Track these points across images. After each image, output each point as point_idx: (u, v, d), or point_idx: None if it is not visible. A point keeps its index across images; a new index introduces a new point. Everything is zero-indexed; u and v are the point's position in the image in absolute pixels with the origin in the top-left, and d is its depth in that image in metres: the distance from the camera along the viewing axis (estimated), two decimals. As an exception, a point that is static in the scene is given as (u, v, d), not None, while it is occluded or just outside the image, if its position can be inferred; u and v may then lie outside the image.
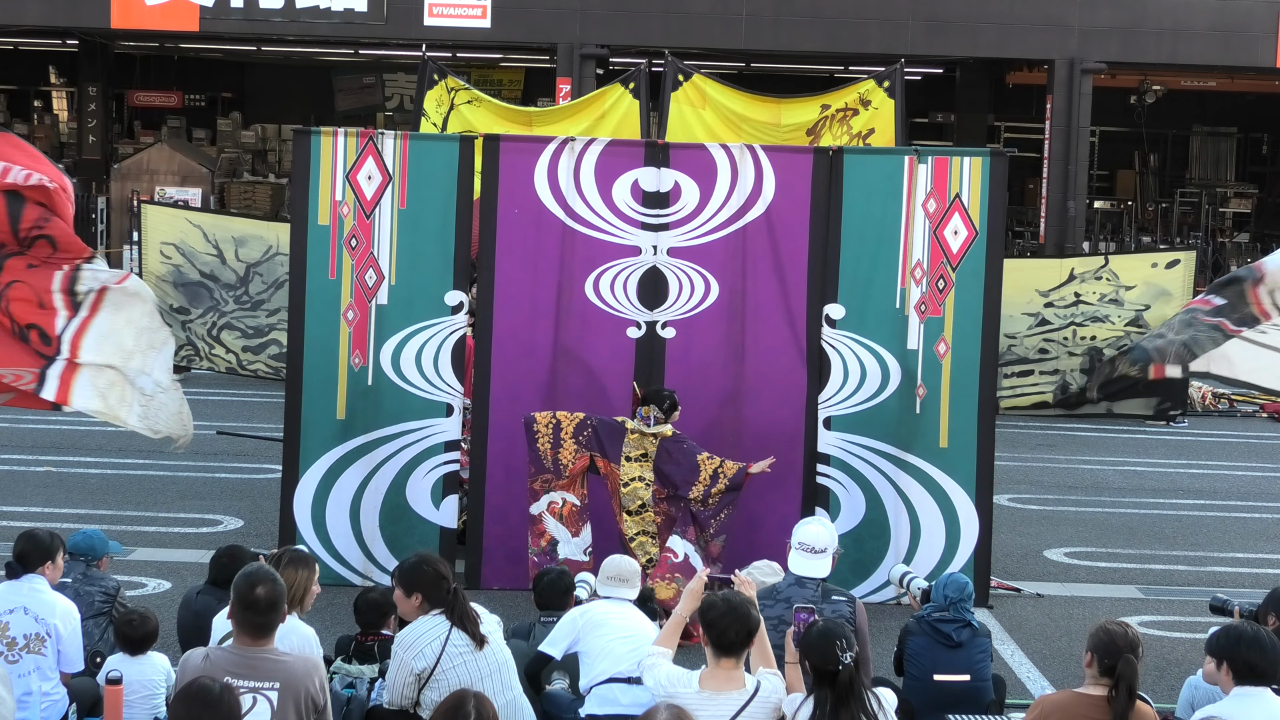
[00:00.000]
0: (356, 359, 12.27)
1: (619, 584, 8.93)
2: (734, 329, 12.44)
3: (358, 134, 12.34)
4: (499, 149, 12.48)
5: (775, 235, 12.40)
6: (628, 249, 12.38)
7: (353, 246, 12.24)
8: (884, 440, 12.40)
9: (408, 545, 12.05)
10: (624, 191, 12.34)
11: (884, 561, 12.43)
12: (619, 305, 12.38)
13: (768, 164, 12.40)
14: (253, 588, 6.69)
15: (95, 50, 37.82)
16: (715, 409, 12.48)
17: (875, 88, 21.61)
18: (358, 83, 41.38)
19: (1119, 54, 30.78)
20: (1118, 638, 6.91)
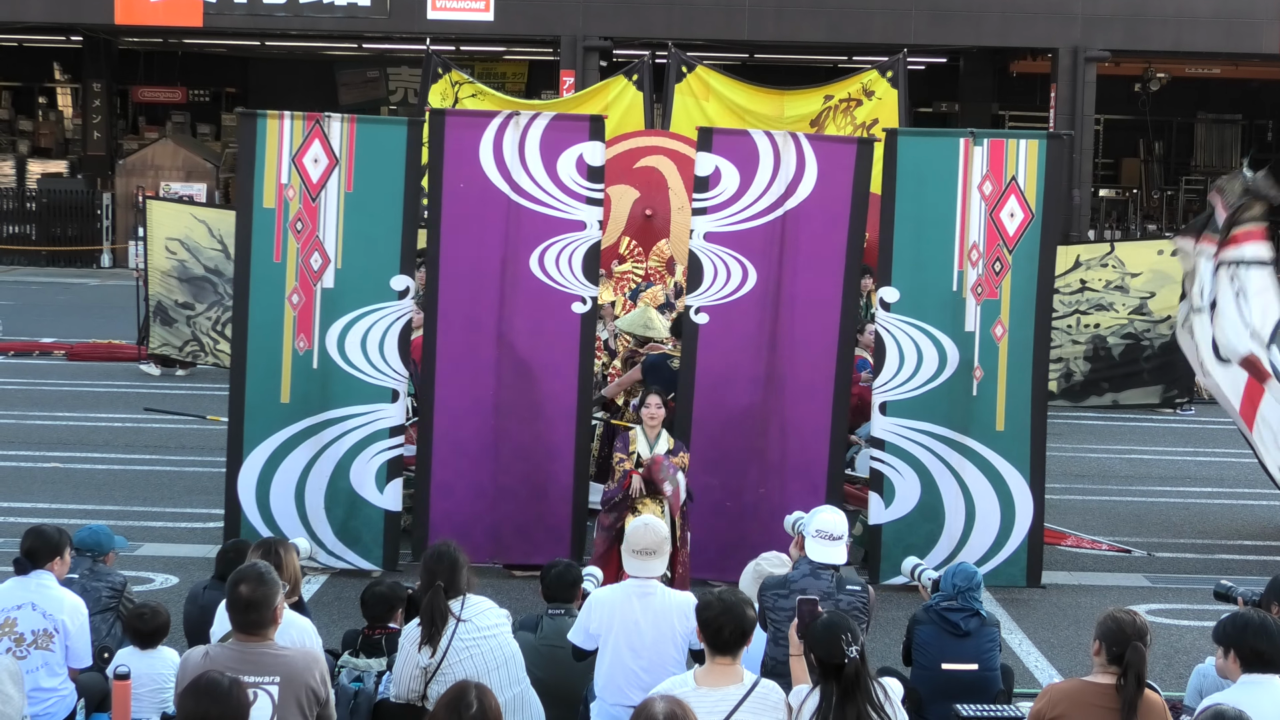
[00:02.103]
0: (301, 343, 12.26)
1: (645, 558, 8.47)
2: (768, 317, 12.37)
3: (304, 117, 12.28)
4: (445, 123, 12.43)
5: (814, 225, 12.34)
6: (573, 223, 12.31)
7: (298, 230, 12.21)
8: (940, 424, 12.39)
9: (352, 529, 12.23)
10: (569, 166, 12.28)
11: (937, 546, 12.45)
12: (564, 280, 12.30)
13: (810, 153, 12.34)
14: (235, 586, 6.69)
15: (99, 46, 37.85)
16: (745, 396, 12.45)
17: (878, 78, 21.62)
18: (361, 77, 41.40)
19: (1123, 42, 30.76)
20: (1126, 626, 6.90)
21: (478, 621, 7.69)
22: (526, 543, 12.41)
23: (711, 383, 12.30)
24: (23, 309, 28.62)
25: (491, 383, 12.32)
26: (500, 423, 12.39)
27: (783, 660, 7.92)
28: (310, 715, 6.66)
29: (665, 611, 8.27)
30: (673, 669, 8.11)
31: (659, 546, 8.53)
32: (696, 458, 12.28)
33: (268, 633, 6.72)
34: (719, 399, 12.34)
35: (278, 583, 6.85)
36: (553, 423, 12.41)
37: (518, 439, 12.40)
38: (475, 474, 12.39)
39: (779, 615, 8.34)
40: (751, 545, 11.89)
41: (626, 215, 19.70)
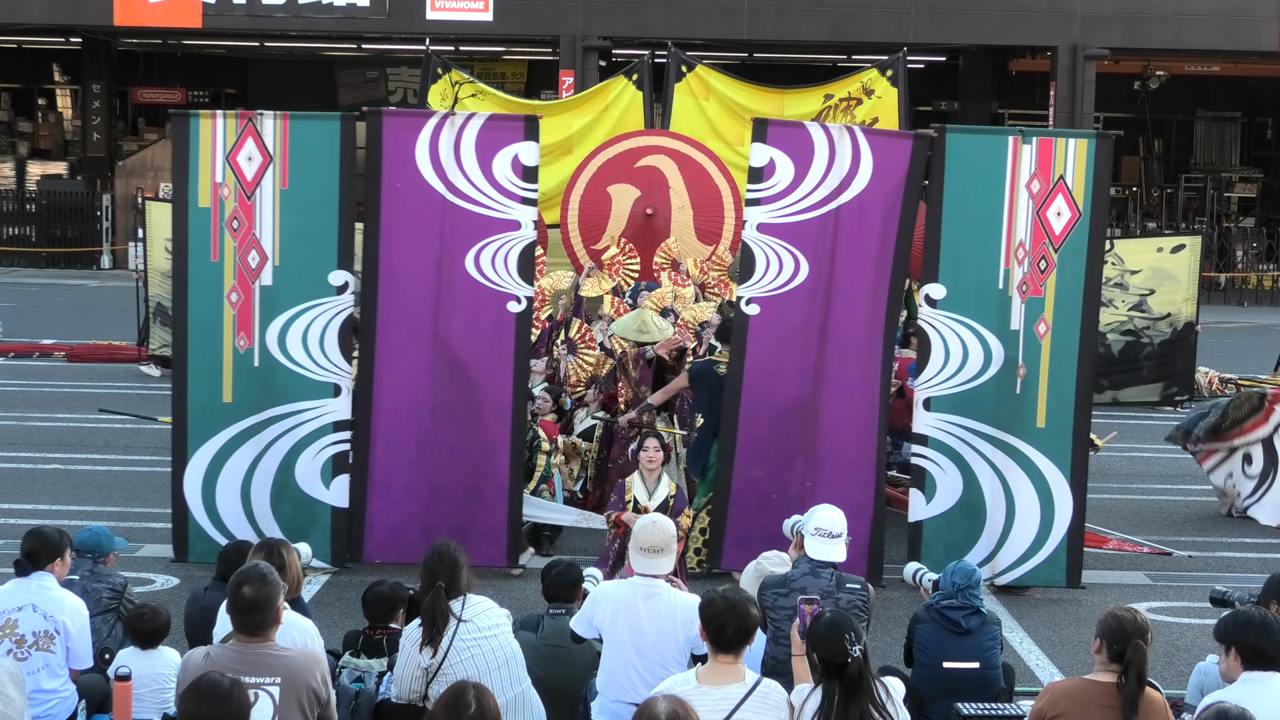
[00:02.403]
0: (241, 341, 12.26)
1: (653, 555, 8.46)
2: (817, 311, 12.35)
3: (236, 115, 12.30)
4: (381, 123, 12.40)
5: (868, 220, 12.32)
6: (508, 223, 12.29)
7: (234, 228, 12.22)
8: (983, 421, 12.38)
9: (299, 525, 12.20)
10: (504, 166, 12.26)
11: (978, 543, 12.45)
12: (500, 280, 12.28)
13: (866, 147, 12.32)
14: (239, 587, 6.70)
15: (99, 48, 37.86)
16: (794, 389, 12.44)
17: (878, 76, 21.63)
18: (360, 77, 41.41)
19: (1122, 40, 30.78)
20: (1127, 624, 6.90)
21: (479, 622, 7.69)
22: (462, 543, 12.31)
23: (760, 374, 12.31)
24: (23, 310, 28.62)
25: (427, 383, 12.35)
26: (436, 423, 12.41)
27: (783, 659, 7.91)
28: (311, 716, 6.67)
29: (670, 612, 8.26)
30: (674, 669, 8.11)
31: (666, 544, 8.51)
32: (743, 449, 12.34)
33: (269, 633, 6.72)
34: (767, 391, 12.35)
35: (280, 583, 6.87)
36: (489, 423, 12.41)
37: (454, 439, 12.43)
38: (411, 474, 12.41)
39: (779, 614, 8.35)
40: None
41: (627, 215, 19.71)
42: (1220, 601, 9.17)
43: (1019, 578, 12.52)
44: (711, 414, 12.85)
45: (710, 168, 20.07)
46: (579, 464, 15.18)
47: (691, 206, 19.78)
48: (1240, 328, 31.09)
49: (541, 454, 14.19)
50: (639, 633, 8.26)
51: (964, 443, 12.39)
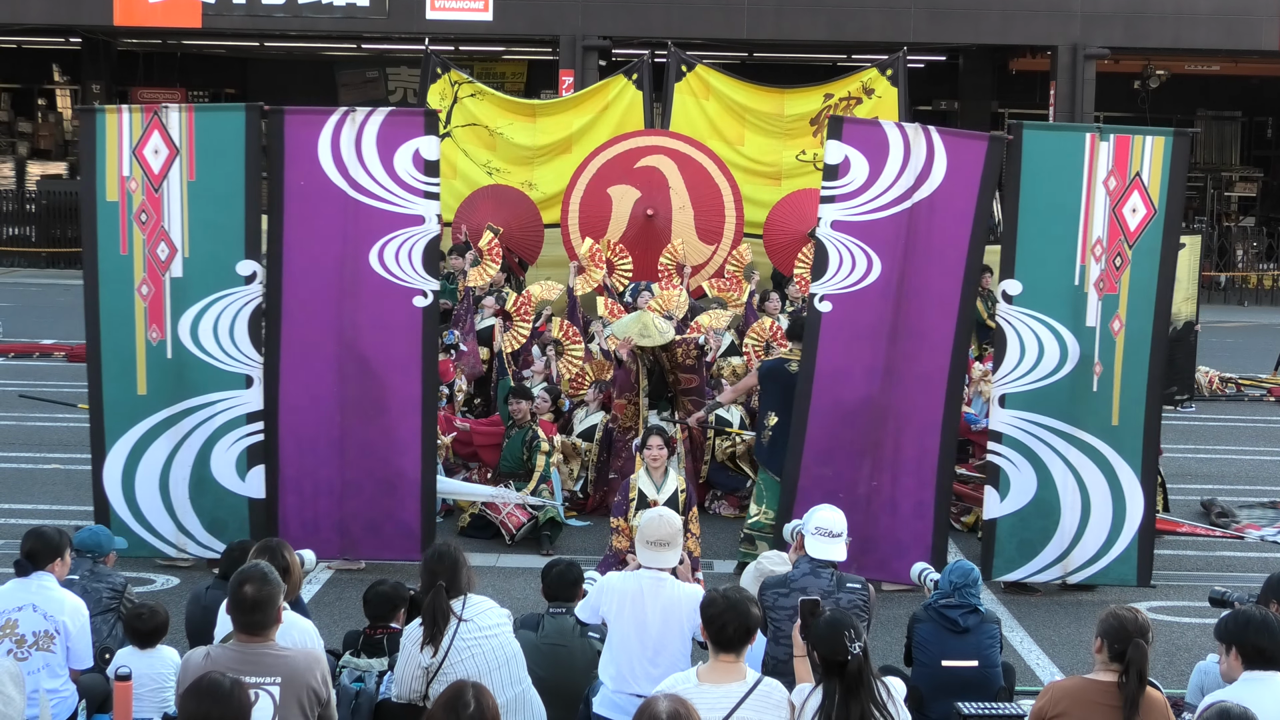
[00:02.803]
0: (154, 333, 12.31)
1: (659, 549, 8.50)
2: (890, 309, 12.34)
3: (142, 109, 12.36)
4: (283, 120, 12.44)
5: (940, 219, 12.32)
6: (411, 218, 12.32)
7: (143, 221, 12.26)
8: (1058, 418, 12.37)
9: (218, 517, 12.29)
10: (405, 161, 12.29)
11: (1051, 541, 12.46)
12: (405, 275, 12.33)
13: (941, 146, 12.32)
14: (240, 586, 6.69)
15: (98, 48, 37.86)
16: (863, 386, 12.42)
17: (878, 76, 21.63)
18: (360, 77, 41.42)
19: (1122, 39, 30.77)
20: (1128, 623, 6.90)
21: (479, 621, 7.68)
22: (376, 538, 12.51)
23: (831, 371, 12.32)
24: (23, 310, 28.61)
25: (335, 379, 12.39)
26: (345, 419, 12.44)
27: (784, 659, 7.92)
28: (311, 715, 6.67)
29: (675, 603, 8.33)
30: (679, 659, 8.17)
31: (672, 538, 8.56)
32: (811, 447, 12.37)
33: (269, 633, 6.72)
34: (837, 388, 12.35)
35: (280, 583, 6.87)
36: (398, 417, 12.46)
37: (363, 434, 12.46)
38: (322, 470, 12.46)
39: (779, 614, 8.35)
40: (861, 538, 12.01)
41: (628, 216, 19.71)
42: (1220, 602, 9.17)
43: (1090, 576, 12.52)
44: (784, 412, 12.87)
45: (710, 167, 20.07)
46: (578, 464, 15.20)
47: (692, 206, 19.77)
48: (1240, 327, 31.09)
49: (540, 454, 14.21)
50: (644, 623, 8.35)
51: (1039, 440, 12.39)
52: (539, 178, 21.31)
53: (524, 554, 13.39)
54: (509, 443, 14.45)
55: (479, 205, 20.02)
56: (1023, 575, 12.51)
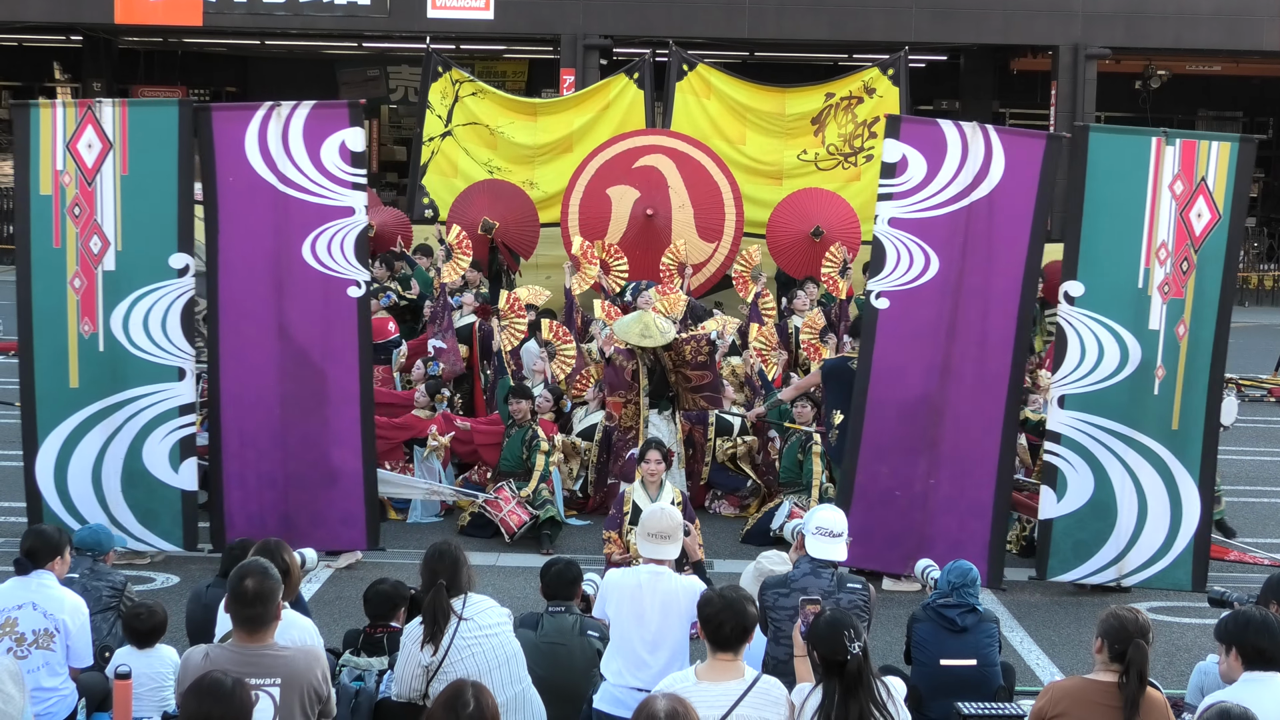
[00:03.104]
0: (86, 326, 12.39)
1: (659, 541, 8.65)
2: (947, 306, 12.37)
3: (76, 104, 12.47)
4: (211, 118, 12.54)
5: (998, 217, 12.35)
6: (341, 210, 12.42)
7: (76, 215, 12.35)
8: (1119, 420, 12.39)
9: (150, 509, 12.41)
10: (332, 153, 12.40)
11: (1107, 543, 12.47)
12: (338, 266, 12.43)
13: (999, 145, 12.36)
14: (241, 580, 6.68)
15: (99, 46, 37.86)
16: (920, 384, 12.44)
17: (880, 75, 21.65)
18: (361, 75, 41.40)
19: (1123, 39, 30.75)
20: (1128, 623, 6.90)
21: (479, 620, 7.68)
22: (321, 530, 12.60)
23: (887, 368, 12.35)
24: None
25: (274, 373, 12.52)
26: (286, 412, 12.57)
27: (784, 660, 7.92)
28: (312, 715, 6.65)
29: (674, 596, 8.40)
30: (678, 652, 8.26)
31: (673, 531, 8.69)
32: (868, 444, 12.39)
33: (269, 630, 6.71)
34: (894, 385, 12.38)
35: (280, 578, 6.87)
36: (337, 408, 12.58)
37: (304, 427, 12.59)
38: (265, 464, 12.59)
39: (780, 614, 8.34)
40: (918, 536, 12.09)
41: (628, 216, 19.71)
42: (1219, 602, 9.17)
43: (1145, 580, 12.51)
44: (850, 410, 12.90)
45: (709, 165, 20.08)
46: (578, 463, 15.19)
47: (692, 205, 19.78)
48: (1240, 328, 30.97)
49: (540, 453, 14.21)
50: (643, 616, 8.43)
51: (1097, 442, 12.41)
52: (540, 177, 21.32)
53: (524, 553, 13.39)
54: (509, 442, 14.45)
55: (475, 200, 20.03)
56: (1077, 576, 12.53)
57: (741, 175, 20.63)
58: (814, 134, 21.65)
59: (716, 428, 15.34)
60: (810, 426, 14.75)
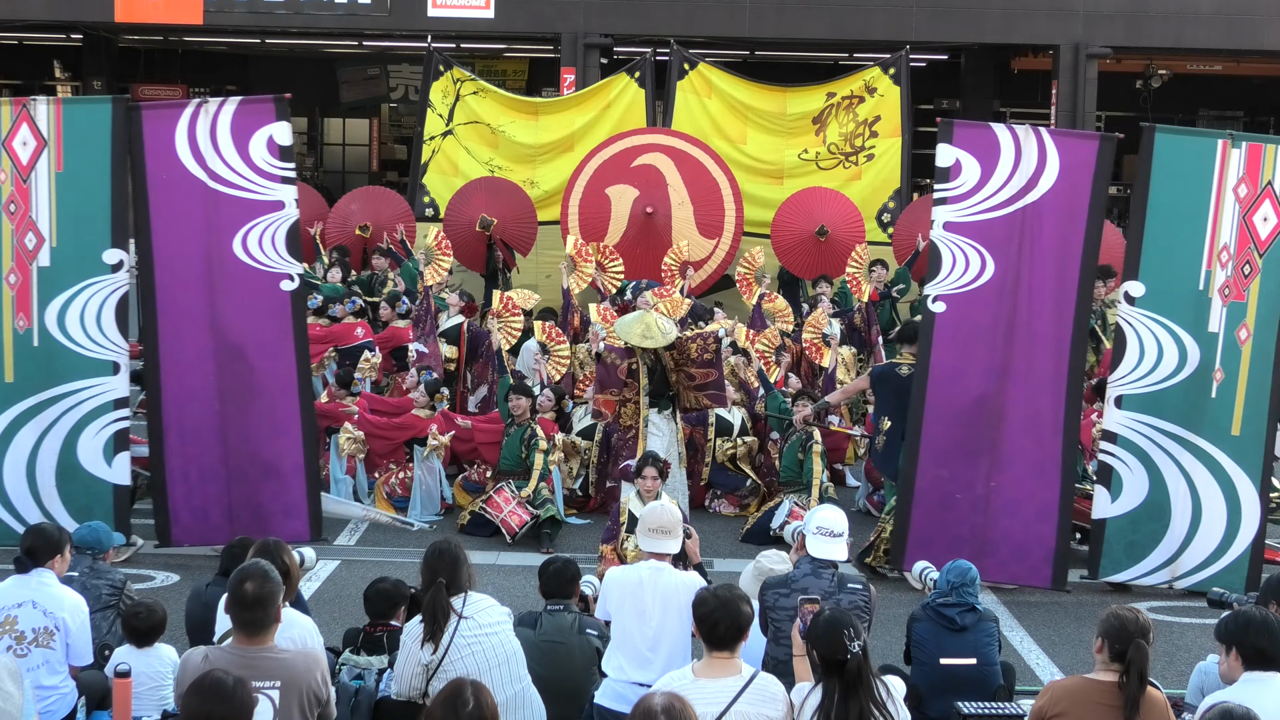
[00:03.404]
0: (21, 321, 12.48)
1: (660, 536, 8.75)
2: (1004, 309, 12.40)
3: (10, 102, 12.56)
4: (141, 116, 12.65)
5: (1053, 219, 12.38)
6: (271, 204, 12.56)
7: (11, 211, 12.45)
8: (1175, 422, 12.42)
9: (83, 505, 12.46)
10: (260, 148, 12.54)
11: (1160, 545, 12.49)
12: (269, 260, 12.57)
13: (1052, 147, 12.39)
14: (241, 584, 6.67)
15: (99, 44, 37.81)
16: (979, 387, 12.47)
17: (881, 74, 21.65)
18: (362, 74, 41.35)
19: (1124, 38, 30.70)
20: (1129, 623, 6.89)
21: (479, 619, 7.68)
22: (264, 522, 12.65)
23: (945, 372, 12.39)
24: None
25: (211, 367, 12.63)
26: (224, 406, 12.69)
27: (784, 660, 7.92)
28: (311, 716, 6.64)
29: (674, 591, 8.43)
30: (679, 648, 8.29)
31: (673, 526, 8.78)
32: (928, 448, 12.41)
33: (269, 632, 6.69)
34: (952, 389, 12.41)
35: (280, 581, 6.85)
36: (276, 401, 12.72)
37: (243, 420, 12.71)
38: (206, 458, 12.70)
39: (780, 614, 8.34)
40: (980, 539, 12.11)
41: (628, 214, 19.72)
42: (1218, 603, 9.18)
43: (1199, 583, 12.47)
44: (898, 416, 12.95)
45: (707, 162, 20.09)
46: (578, 462, 15.19)
47: (691, 202, 19.80)
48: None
49: (539, 452, 14.20)
50: (644, 612, 8.49)
51: (1153, 443, 12.45)
52: (541, 175, 21.32)
53: (523, 552, 13.39)
54: (508, 440, 14.45)
55: (472, 198, 20.03)
56: (1129, 577, 12.56)
57: (742, 174, 20.63)
58: (815, 133, 21.66)
59: (716, 428, 15.35)
60: (857, 431, 14.78)
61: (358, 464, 15.14)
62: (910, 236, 19.89)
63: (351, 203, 21.02)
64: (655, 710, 5.74)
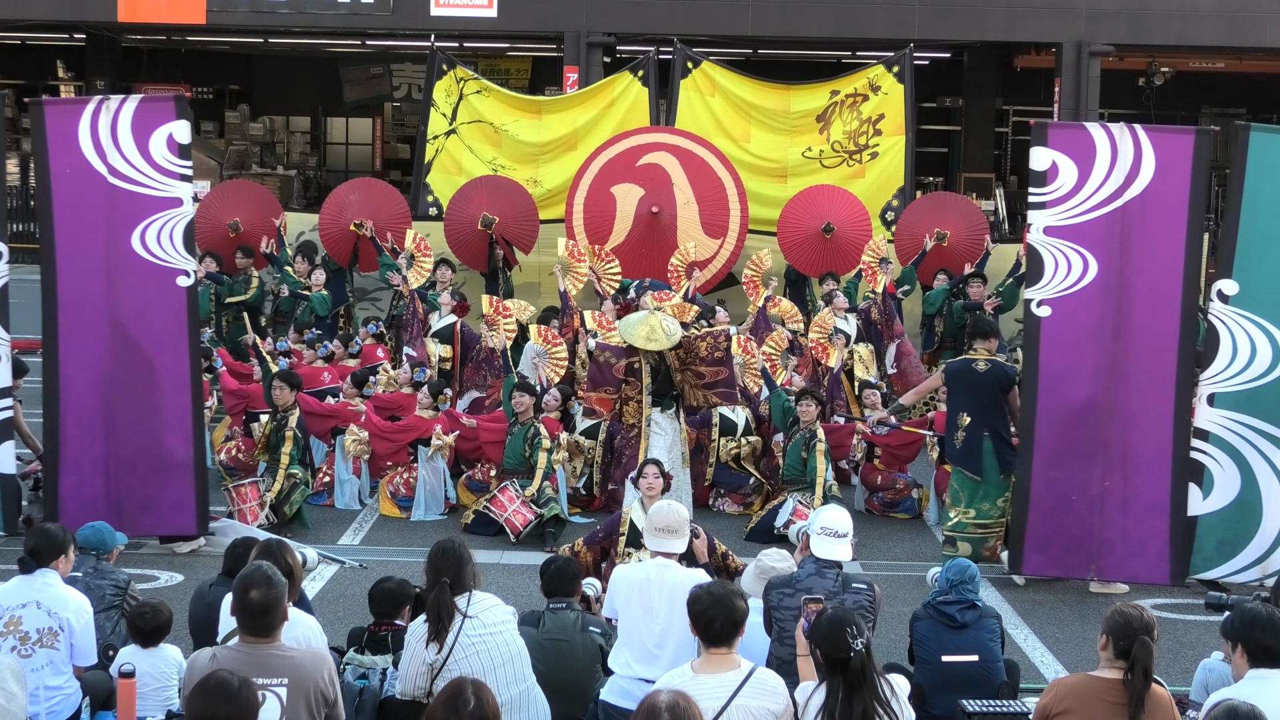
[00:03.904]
0: None
1: (667, 535, 8.79)
2: (1110, 308, 12.39)
3: None
4: (43, 112, 12.77)
5: (1153, 215, 12.35)
6: (169, 200, 12.67)
7: None
8: (1268, 420, 12.39)
9: None
10: (160, 145, 12.64)
11: (1251, 544, 12.45)
12: (166, 256, 12.68)
13: (1147, 144, 12.37)
14: (247, 591, 6.65)
15: (102, 44, 37.83)
16: (1089, 387, 12.45)
17: (885, 73, 21.64)
18: (365, 73, 41.37)
19: (1127, 36, 30.69)
20: (1133, 620, 6.90)
21: (484, 618, 7.68)
22: (152, 515, 12.81)
23: (1055, 375, 12.39)
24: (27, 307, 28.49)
25: (107, 360, 12.73)
26: (116, 398, 12.76)
27: (787, 659, 7.92)
28: (318, 715, 6.63)
29: (680, 588, 8.38)
30: (685, 644, 8.25)
31: (680, 526, 8.82)
32: (1041, 451, 12.43)
33: (276, 634, 6.70)
34: (1063, 391, 12.41)
35: (285, 583, 6.85)
36: (167, 395, 12.81)
37: (135, 413, 12.78)
38: (99, 449, 12.76)
39: (784, 614, 8.34)
40: (1097, 539, 12.10)
41: (633, 214, 19.71)
42: (1217, 606, 9.19)
43: None
44: (976, 411, 12.98)
45: (713, 161, 20.07)
46: (582, 461, 15.18)
47: (696, 202, 19.78)
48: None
49: (542, 451, 14.19)
50: (651, 609, 8.52)
51: (1245, 441, 12.41)
52: (544, 174, 21.32)
53: (528, 551, 13.38)
54: (511, 439, 14.44)
55: (472, 196, 20.00)
56: (1220, 574, 12.51)
57: (746, 173, 20.62)
58: (819, 131, 21.65)
59: (720, 428, 15.35)
60: (929, 432, 14.80)
61: (363, 465, 15.14)
62: (912, 235, 19.86)
63: (350, 192, 20.83)
64: (660, 708, 5.75)
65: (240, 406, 16.08)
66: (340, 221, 20.03)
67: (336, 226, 20.08)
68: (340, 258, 20.01)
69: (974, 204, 22.71)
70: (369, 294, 21.00)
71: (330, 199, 20.88)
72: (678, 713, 5.74)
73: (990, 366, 13.09)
